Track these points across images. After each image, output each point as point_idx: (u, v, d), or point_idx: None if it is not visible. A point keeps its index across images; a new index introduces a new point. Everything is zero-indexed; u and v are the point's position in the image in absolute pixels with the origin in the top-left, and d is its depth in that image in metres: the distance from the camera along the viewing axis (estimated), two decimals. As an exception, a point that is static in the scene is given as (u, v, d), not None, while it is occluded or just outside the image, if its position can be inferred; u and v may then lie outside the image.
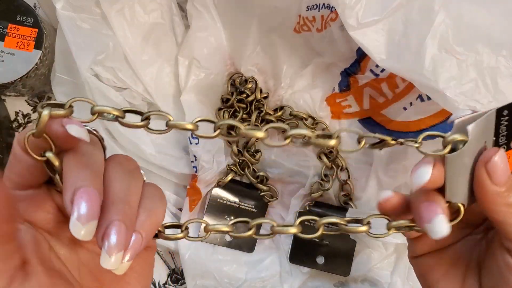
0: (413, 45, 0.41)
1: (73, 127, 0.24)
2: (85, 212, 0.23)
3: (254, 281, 0.56)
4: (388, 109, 0.54)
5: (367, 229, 0.30)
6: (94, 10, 0.50)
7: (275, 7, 0.49)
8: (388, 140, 0.28)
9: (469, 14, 0.40)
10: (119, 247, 0.24)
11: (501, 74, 0.39)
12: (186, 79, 0.54)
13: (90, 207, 0.24)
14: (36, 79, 0.53)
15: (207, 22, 0.54)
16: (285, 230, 0.30)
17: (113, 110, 0.26)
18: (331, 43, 0.51)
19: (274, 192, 0.58)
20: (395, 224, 0.30)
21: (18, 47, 0.51)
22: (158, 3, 0.53)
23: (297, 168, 0.57)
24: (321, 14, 0.48)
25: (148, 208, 0.27)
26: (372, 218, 0.30)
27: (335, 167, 0.57)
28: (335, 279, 0.56)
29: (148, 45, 0.53)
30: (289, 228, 0.30)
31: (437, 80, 0.39)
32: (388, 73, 0.51)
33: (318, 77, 0.56)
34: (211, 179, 0.55)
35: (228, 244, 0.56)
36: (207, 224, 0.30)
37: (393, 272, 0.55)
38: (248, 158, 0.57)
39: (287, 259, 0.55)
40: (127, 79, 0.53)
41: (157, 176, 0.55)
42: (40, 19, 0.51)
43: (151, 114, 0.27)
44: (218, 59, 0.56)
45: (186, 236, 0.30)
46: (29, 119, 0.59)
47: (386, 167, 0.54)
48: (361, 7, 0.41)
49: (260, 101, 0.57)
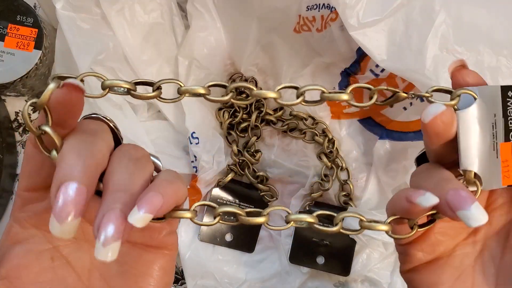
0: (414, 45, 0.41)
1: (69, 79, 0.23)
2: (63, 210, 0.22)
3: (254, 281, 0.56)
4: (388, 109, 0.54)
5: (389, 228, 0.29)
6: (94, 10, 0.50)
7: (275, 7, 0.49)
8: (400, 93, 0.28)
9: (470, 14, 0.40)
10: (114, 238, 0.22)
11: (502, 74, 0.39)
12: (186, 79, 0.54)
13: (70, 204, 0.22)
14: (36, 79, 0.53)
15: (207, 22, 0.54)
16: (301, 218, 0.28)
17: (124, 83, 0.26)
18: (331, 43, 0.51)
19: (274, 192, 0.58)
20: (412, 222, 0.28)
21: (18, 47, 0.51)
22: (158, 3, 0.53)
23: (297, 168, 0.57)
24: (321, 14, 0.48)
25: (159, 181, 0.25)
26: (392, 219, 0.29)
27: (335, 167, 0.57)
28: (335, 279, 0.56)
29: (148, 45, 0.53)
30: (306, 216, 0.28)
31: (438, 80, 0.40)
32: (388, 73, 0.51)
33: (318, 77, 0.56)
34: (211, 179, 0.55)
35: (228, 244, 0.56)
36: (216, 207, 0.29)
37: (393, 272, 0.55)
38: (248, 158, 0.57)
39: (287, 259, 0.55)
40: (127, 79, 0.52)
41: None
42: (40, 19, 0.51)
43: (162, 83, 0.27)
44: (218, 59, 0.56)
45: (220, 221, 0.29)
46: (29, 119, 0.59)
47: (386, 167, 0.54)
48: (361, 7, 0.41)
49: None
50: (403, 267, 0.33)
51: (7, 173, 0.56)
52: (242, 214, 0.28)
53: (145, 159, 0.27)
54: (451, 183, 0.26)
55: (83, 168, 0.23)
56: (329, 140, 0.57)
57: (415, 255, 0.31)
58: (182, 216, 0.27)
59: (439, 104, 0.27)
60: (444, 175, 0.28)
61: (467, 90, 0.28)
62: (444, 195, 0.25)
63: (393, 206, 0.29)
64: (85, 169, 0.23)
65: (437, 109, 0.26)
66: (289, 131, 0.58)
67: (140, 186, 0.25)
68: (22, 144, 0.59)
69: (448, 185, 0.26)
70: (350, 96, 0.28)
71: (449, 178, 0.27)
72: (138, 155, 0.27)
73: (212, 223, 0.29)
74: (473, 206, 0.25)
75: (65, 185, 0.22)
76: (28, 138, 0.25)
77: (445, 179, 0.27)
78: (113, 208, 0.23)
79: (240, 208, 0.28)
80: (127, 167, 0.25)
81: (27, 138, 0.26)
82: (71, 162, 0.23)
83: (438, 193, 0.26)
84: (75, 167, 0.23)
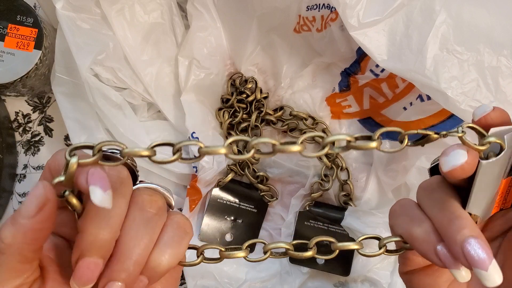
0: (414, 45, 0.41)
1: (95, 193, 0.24)
2: (82, 281, 0.25)
3: (254, 281, 0.56)
4: (388, 109, 0.54)
5: (383, 250, 0.30)
6: (94, 10, 0.50)
7: (275, 7, 0.49)
8: (431, 135, 0.27)
9: (470, 14, 0.40)
10: None
11: (502, 74, 0.39)
12: (186, 79, 0.54)
13: (87, 278, 0.25)
14: (36, 79, 0.53)
15: (207, 22, 0.54)
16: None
17: (143, 151, 0.26)
18: (331, 43, 0.51)
19: (274, 192, 0.58)
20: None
21: (18, 47, 0.51)
22: (158, 3, 0.53)
23: (297, 168, 0.57)
24: (321, 14, 0.48)
25: (162, 252, 0.27)
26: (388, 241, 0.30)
27: (335, 167, 0.57)
28: (335, 279, 0.56)
29: (148, 45, 0.53)
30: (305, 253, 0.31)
31: (438, 80, 0.40)
32: (388, 73, 0.51)
33: (318, 77, 0.56)
34: (211, 179, 0.55)
35: (228, 244, 0.56)
36: (222, 250, 0.31)
37: (393, 272, 0.55)
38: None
39: (287, 259, 0.55)
40: (127, 79, 0.52)
41: (157, 176, 0.55)
42: (40, 19, 0.51)
43: (182, 144, 0.26)
44: (218, 59, 0.56)
45: (203, 261, 0.31)
46: (29, 119, 0.59)
47: (386, 167, 0.54)
48: (362, 7, 0.41)
49: (260, 101, 0.57)
50: (402, 268, 0.33)
51: (7, 173, 0.56)
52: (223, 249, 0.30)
53: (158, 215, 0.28)
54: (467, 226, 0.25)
55: (101, 244, 0.25)
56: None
57: (415, 259, 0.31)
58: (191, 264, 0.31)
59: (460, 152, 0.26)
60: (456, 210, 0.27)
61: (498, 140, 0.26)
62: (461, 242, 0.25)
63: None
64: (102, 244, 0.25)
65: (458, 160, 0.25)
66: (289, 131, 0.58)
67: (146, 255, 0.27)
68: (22, 144, 0.59)
69: (464, 230, 0.25)
70: (378, 143, 0.27)
71: (462, 215, 0.26)
72: (152, 211, 0.28)
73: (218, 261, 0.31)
74: (491, 266, 0.24)
75: (84, 261, 0.25)
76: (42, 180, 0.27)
77: (459, 217, 0.26)
78: (119, 279, 0.26)
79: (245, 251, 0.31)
80: (138, 232, 0.27)
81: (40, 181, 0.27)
82: (90, 238, 0.25)
83: (452, 233, 0.25)
84: (94, 243, 0.25)
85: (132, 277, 0.26)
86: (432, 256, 0.27)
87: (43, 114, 0.59)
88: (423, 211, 0.29)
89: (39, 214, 0.24)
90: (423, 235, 0.27)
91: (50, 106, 0.59)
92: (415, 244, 0.28)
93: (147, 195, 0.28)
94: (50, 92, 0.58)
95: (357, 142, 0.27)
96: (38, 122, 0.59)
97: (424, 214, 0.28)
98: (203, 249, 0.30)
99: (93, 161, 0.25)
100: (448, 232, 0.26)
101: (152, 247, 0.27)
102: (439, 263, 0.26)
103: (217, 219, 0.56)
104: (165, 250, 0.27)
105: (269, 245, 0.30)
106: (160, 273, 0.27)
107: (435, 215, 0.27)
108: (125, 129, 0.51)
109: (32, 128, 0.59)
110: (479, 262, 0.24)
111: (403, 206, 0.30)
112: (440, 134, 0.27)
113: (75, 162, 0.24)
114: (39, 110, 0.59)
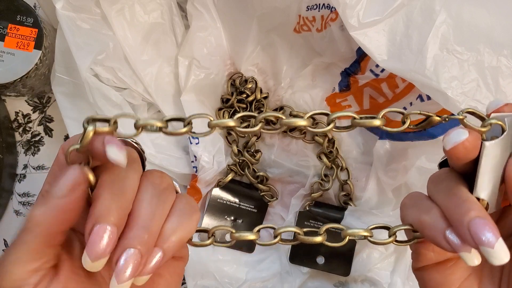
0: (414, 45, 0.41)
1: (112, 149, 0.25)
2: (96, 250, 0.24)
3: (254, 281, 0.56)
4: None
5: (393, 239, 0.30)
6: (94, 10, 0.50)
7: (275, 7, 0.49)
8: (433, 117, 0.28)
9: (470, 14, 0.40)
10: (129, 276, 0.25)
11: (502, 74, 0.39)
12: (186, 79, 0.54)
13: (102, 246, 0.24)
14: (36, 79, 0.53)
15: (207, 22, 0.54)
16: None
17: (156, 122, 0.26)
18: (331, 43, 0.51)
19: (274, 192, 0.58)
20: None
21: (18, 47, 0.51)
22: (158, 3, 0.53)
23: (297, 168, 0.57)
24: (321, 14, 0.48)
25: (175, 223, 0.28)
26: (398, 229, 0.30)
27: (335, 167, 0.57)
28: (335, 279, 0.56)
29: (148, 45, 0.53)
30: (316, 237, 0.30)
31: (438, 80, 0.40)
32: (388, 73, 0.51)
33: (318, 77, 0.56)
34: (211, 179, 0.55)
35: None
36: (233, 232, 0.31)
37: (393, 272, 0.55)
38: (248, 158, 0.57)
39: (287, 259, 0.55)
40: (127, 79, 0.52)
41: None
42: (40, 19, 0.51)
43: (193, 118, 0.27)
44: (218, 59, 0.56)
45: (213, 243, 0.31)
46: (29, 119, 0.59)
47: (386, 167, 0.54)
48: (362, 7, 0.41)
49: (260, 101, 0.57)
50: (415, 264, 0.33)
51: (7, 173, 0.56)
52: (233, 231, 0.31)
53: (168, 190, 0.29)
54: (474, 208, 0.26)
55: (116, 211, 0.25)
56: (329, 140, 0.57)
57: (427, 254, 0.32)
58: (202, 245, 0.31)
59: (460, 131, 0.26)
60: (463, 195, 0.27)
61: (499, 121, 0.27)
62: (468, 222, 0.25)
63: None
64: (117, 211, 0.25)
65: (459, 137, 0.26)
66: (289, 131, 0.58)
67: (159, 225, 0.27)
68: (22, 144, 0.59)
69: (471, 212, 0.26)
70: (382, 121, 0.28)
71: (469, 199, 0.27)
72: (162, 186, 0.28)
73: (229, 244, 0.32)
74: (498, 244, 0.25)
75: (99, 227, 0.24)
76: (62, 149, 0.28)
77: (466, 200, 0.27)
78: (134, 246, 0.25)
79: (256, 233, 0.31)
80: (151, 203, 0.27)
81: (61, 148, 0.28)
82: (105, 203, 0.25)
83: (459, 216, 0.26)
84: (109, 209, 0.25)
85: (147, 247, 0.26)
86: (441, 241, 0.27)
87: (43, 114, 0.59)
88: (432, 200, 0.29)
89: (72, 194, 0.24)
90: (432, 222, 0.28)
91: (50, 106, 0.59)
92: (425, 231, 0.28)
93: (157, 173, 0.29)
94: (50, 92, 0.58)
95: (361, 119, 0.27)
96: (38, 122, 0.59)
97: (433, 202, 0.29)
98: (214, 231, 0.31)
99: (109, 130, 0.25)
100: (455, 215, 0.26)
101: (164, 219, 0.27)
102: (448, 247, 0.27)
103: (217, 219, 0.56)
104: (177, 222, 0.28)
105: (279, 229, 0.30)
106: (173, 246, 0.27)
107: (443, 202, 0.28)
108: (125, 129, 0.51)
109: (32, 128, 0.59)
110: (485, 240, 0.25)
111: (413, 197, 0.31)
112: (442, 117, 0.28)
113: (91, 130, 0.25)
114: (39, 110, 0.59)
